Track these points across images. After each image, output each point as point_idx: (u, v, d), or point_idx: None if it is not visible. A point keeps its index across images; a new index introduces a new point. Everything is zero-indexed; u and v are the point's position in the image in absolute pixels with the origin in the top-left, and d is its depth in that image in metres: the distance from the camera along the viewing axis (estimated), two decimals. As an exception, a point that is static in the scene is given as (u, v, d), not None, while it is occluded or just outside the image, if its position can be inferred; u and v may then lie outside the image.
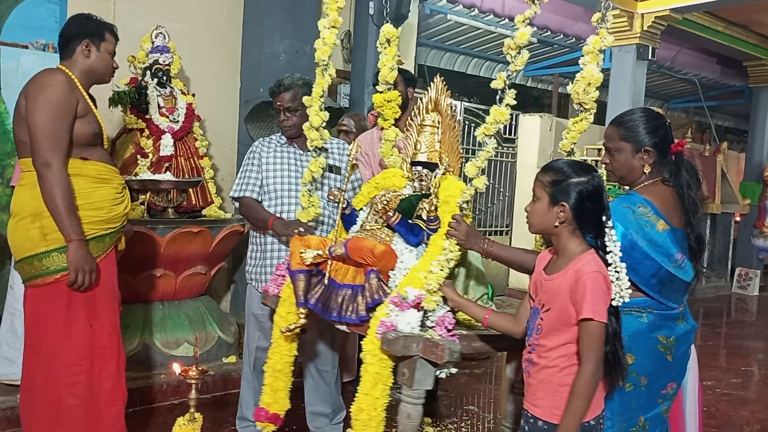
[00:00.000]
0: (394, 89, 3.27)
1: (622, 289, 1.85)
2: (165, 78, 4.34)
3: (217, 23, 5.16)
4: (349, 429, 2.35)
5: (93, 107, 2.59)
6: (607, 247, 1.86)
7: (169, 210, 4.16)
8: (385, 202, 2.60)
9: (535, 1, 2.39)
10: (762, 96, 10.04)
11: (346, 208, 2.73)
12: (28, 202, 2.46)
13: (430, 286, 2.23)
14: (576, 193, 1.86)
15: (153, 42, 4.33)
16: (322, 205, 2.95)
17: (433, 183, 2.62)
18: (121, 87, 4.17)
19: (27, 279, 2.51)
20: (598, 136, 6.65)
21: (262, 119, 4.69)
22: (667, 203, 2.12)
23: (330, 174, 3.09)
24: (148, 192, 4.09)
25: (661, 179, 2.16)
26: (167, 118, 4.34)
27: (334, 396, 3.27)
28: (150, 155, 4.21)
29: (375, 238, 2.53)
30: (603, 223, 1.87)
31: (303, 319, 2.57)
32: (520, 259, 2.28)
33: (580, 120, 2.53)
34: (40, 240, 2.43)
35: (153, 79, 4.31)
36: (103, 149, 2.65)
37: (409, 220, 2.56)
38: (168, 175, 4.01)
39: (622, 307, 1.97)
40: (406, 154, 2.81)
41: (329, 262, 2.56)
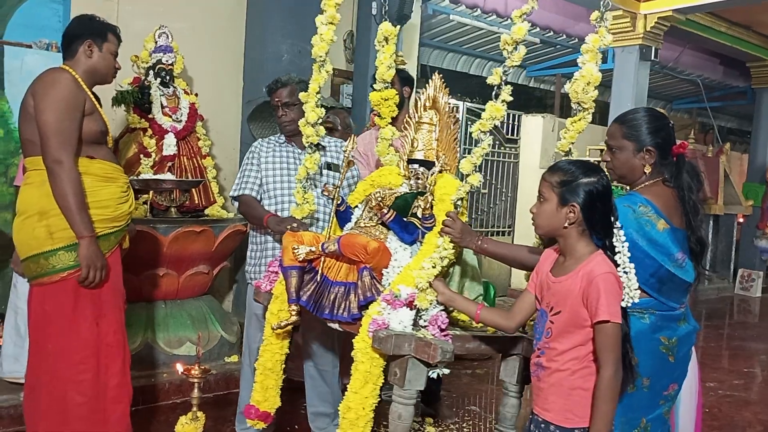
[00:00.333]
0: (391, 88, 3.27)
1: (631, 290, 1.85)
2: (168, 78, 4.35)
3: (220, 23, 5.16)
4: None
5: (98, 105, 2.60)
6: (615, 248, 1.86)
7: (172, 209, 4.16)
8: (379, 199, 2.57)
9: None
10: (765, 97, 10.03)
11: (341, 204, 2.71)
12: (34, 200, 2.47)
13: (420, 284, 2.20)
14: (586, 193, 1.84)
15: (156, 42, 4.33)
16: (320, 203, 2.96)
17: (429, 181, 2.59)
18: (125, 86, 4.17)
19: (33, 277, 2.51)
20: (601, 136, 6.64)
21: (265, 119, 4.71)
22: (667, 203, 2.12)
23: (329, 172, 3.10)
24: (151, 191, 4.10)
25: (661, 180, 2.16)
26: (170, 117, 4.34)
27: (336, 396, 3.27)
28: (153, 155, 4.22)
29: (369, 235, 2.50)
30: (611, 223, 1.87)
31: (294, 317, 2.53)
32: (515, 255, 2.28)
33: (578, 120, 2.52)
34: (47, 238, 2.44)
35: (156, 79, 4.31)
36: (108, 148, 2.67)
37: (404, 218, 2.52)
38: (169, 175, 4.02)
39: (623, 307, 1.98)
40: (403, 152, 2.78)
41: (322, 258, 2.52)
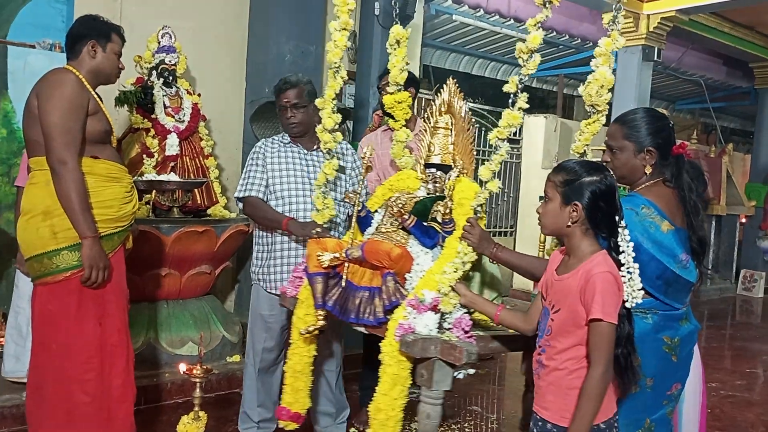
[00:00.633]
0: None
1: (635, 290, 1.84)
2: (171, 78, 4.36)
3: (223, 23, 5.17)
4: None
5: (102, 105, 2.61)
6: (620, 247, 1.85)
7: (175, 209, 4.17)
8: (400, 205, 2.62)
9: (546, 5, 2.39)
10: (768, 97, 10.02)
11: (361, 210, 2.74)
12: (39, 200, 2.48)
13: (442, 288, 2.25)
14: (589, 192, 1.84)
15: (159, 42, 4.34)
16: (336, 207, 2.97)
17: (447, 185, 2.62)
18: (127, 87, 4.19)
19: (37, 277, 2.52)
20: (602, 136, 6.61)
21: (267, 119, 4.71)
22: (669, 204, 2.12)
23: (336, 173, 3.06)
24: (154, 191, 4.11)
25: (662, 180, 2.16)
26: (173, 117, 4.35)
27: (338, 395, 3.28)
28: (156, 155, 4.22)
29: (390, 240, 2.56)
30: (616, 222, 1.86)
31: (322, 321, 2.59)
32: (527, 265, 2.28)
33: (593, 122, 2.55)
34: (51, 238, 2.45)
35: (159, 79, 4.32)
36: (112, 148, 2.67)
37: (423, 222, 2.57)
38: (173, 176, 4.03)
39: None
40: (419, 156, 2.82)
41: (346, 264, 2.58)
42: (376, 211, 2.82)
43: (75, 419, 2.50)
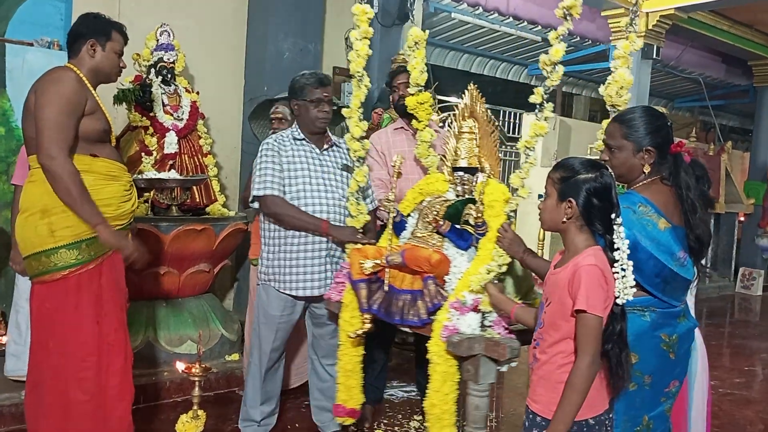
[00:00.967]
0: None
1: (627, 287, 1.85)
2: (169, 76, 4.35)
3: (222, 21, 5.16)
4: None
5: (101, 104, 2.60)
6: (615, 244, 1.86)
7: (173, 208, 4.17)
8: (434, 213, 2.79)
9: (567, 18, 2.49)
10: (767, 95, 10.01)
11: (396, 216, 2.86)
12: (37, 198, 2.47)
13: (473, 287, 2.39)
14: (583, 189, 1.87)
15: (158, 40, 4.33)
16: (342, 205, 3.03)
17: (476, 187, 2.77)
18: (126, 85, 4.17)
19: (34, 275, 2.52)
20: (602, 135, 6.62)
21: (266, 117, 4.70)
22: (666, 202, 2.12)
23: (344, 173, 3.12)
24: (152, 189, 4.10)
25: (659, 178, 2.16)
26: (171, 115, 4.34)
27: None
28: (154, 153, 4.22)
29: (426, 244, 2.73)
30: (611, 220, 1.87)
31: (368, 324, 2.77)
32: None
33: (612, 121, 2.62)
34: (49, 236, 2.44)
35: (157, 77, 4.32)
36: (111, 146, 2.67)
37: (456, 225, 2.72)
38: (173, 174, 4.02)
39: (624, 305, 1.98)
40: (445, 159, 2.97)
41: (387, 269, 2.73)
42: (409, 215, 2.97)
43: (72, 418, 2.50)
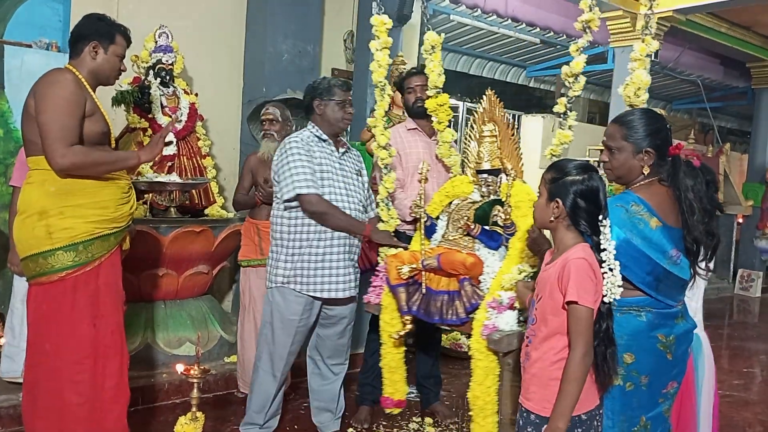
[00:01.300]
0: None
1: (615, 285, 1.90)
2: (168, 77, 4.35)
3: (221, 23, 5.16)
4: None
5: (100, 106, 2.60)
6: (601, 245, 1.91)
7: (172, 209, 4.16)
8: (465, 218, 2.96)
9: (586, 31, 2.63)
10: (765, 97, 10.02)
11: (426, 221, 3.02)
12: (35, 200, 2.47)
13: (504, 285, 2.57)
14: (570, 191, 1.93)
15: (156, 41, 4.33)
16: (360, 209, 3.10)
17: (501, 188, 2.95)
18: (124, 86, 4.17)
19: (31, 277, 2.51)
20: (601, 136, 6.62)
21: (264, 119, 4.69)
22: (662, 202, 2.13)
23: (359, 178, 3.17)
24: (152, 192, 4.10)
25: (657, 179, 2.17)
26: (170, 117, 4.34)
27: (340, 395, 3.30)
28: (153, 154, 4.21)
29: (458, 246, 2.91)
30: (598, 221, 1.92)
31: (409, 325, 2.93)
32: None
33: None
34: (46, 238, 2.44)
35: (156, 79, 4.31)
36: (110, 148, 2.66)
37: (485, 226, 2.89)
38: (174, 176, 4.02)
39: (620, 306, 2.01)
40: (469, 162, 3.17)
41: (423, 272, 2.88)
42: (438, 217, 3.14)
43: (67, 420, 2.49)
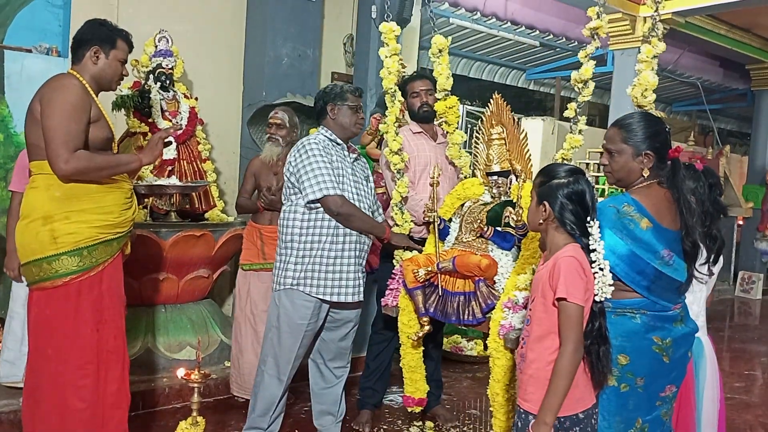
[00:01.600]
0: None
1: (605, 285, 1.92)
2: (168, 82, 4.35)
3: (220, 27, 5.17)
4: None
5: (104, 112, 2.61)
6: (591, 246, 1.94)
7: (172, 213, 4.16)
8: (478, 221, 3.03)
9: (595, 37, 2.68)
10: (764, 99, 10.02)
11: (440, 224, 3.10)
12: (39, 204, 2.47)
13: (519, 285, 2.62)
14: (556, 193, 1.97)
15: (156, 45, 4.34)
16: (369, 214, 3.12)
17: (512, 190, 3.02)
18: (125, 91, 4.17)
19: (34, 282, 2.51)
20: (601, 139, 6.63)
21: (265, 123, 4.70)
22: (658, 203, 2.14)
23: (368, 183, 3.19)
24: (152, 196, 4.10)
25: (656, 182, 2.18)
26: (170, 121, 4.34)
27: (341, 398, 3.29)
28: (153, 159, 4.21)
29: (472, 248, 3.00)
30: (586, 223, 1.95)
31: (427, 326, 3.06)
32: None
33: None
34: (51, 243, 2.44)
35: (156, 83, 4.31)
36: (113, 154, 2.67)
37: (498, 227, 2.95)
38: (173, 180, 4.02)
39: (615, 307, 2.04)
40: (479, 164, 3.24)
41: (439, 275, 2.97)
42: (450, 219, 3.21)
43: (69, 425, 2.49)
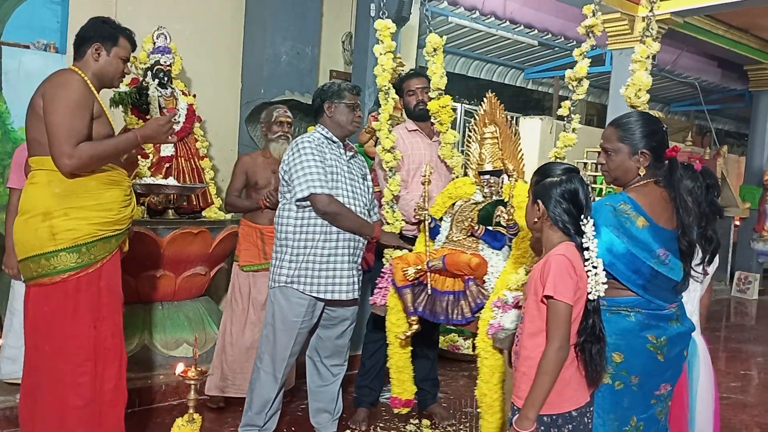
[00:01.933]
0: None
1: (598, 283, 1.93)
2: (166, 79, 4.35)
3: (219, 24, 5.16)
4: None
5: (105, 109, 2.61)
6: (585, 244, 1.94)
7: (170, 211, 4.16)
8: (469, 219, 2.99)
9: (590, 35, 2.68)
10: (762, 100, 10.04)
11: (430, 222, 3.04)
12: (39, 200, 2.46)
13: (511, 286, 2.59)
14: (550, 192, 1.98)
15: (154, 43, 4.33)
16: (365, 212, 3.11)
17: (503, 189, 2.98)
18: (123, 88, 4.17)
19: (31, 278, 2.50)
20: (599, 138, 6.63)
21: (264, 120, 4.70)
22: (654, 202, 2.14)
23: (364, 182, 3.19)
24: (150, 194, 4.10)
25: (653, 181, 2.19)
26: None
27: (338, 396, 3.29)
28: (150, 156, 4.21)
29: (462, 247, 2.95)
30: (579, 222, 1.95)
31: (415, 326, 2.99)
32: None
33: None
34: (49, 239, 2.44)
35: (154, 80, 4.31)
36: (112, 137, 2.66)
37: (489, 227, 2.91)
38: (172, 180, 4.02)
39: (610, 305, 2.04)
40: (471, 163, 3.20)
41: (428, 274, 2.92)
42: (442, 218, 3.16)
43: (67, 422, 2.49)
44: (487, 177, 3.08)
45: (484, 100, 3.20)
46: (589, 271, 1.93)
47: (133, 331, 3.86)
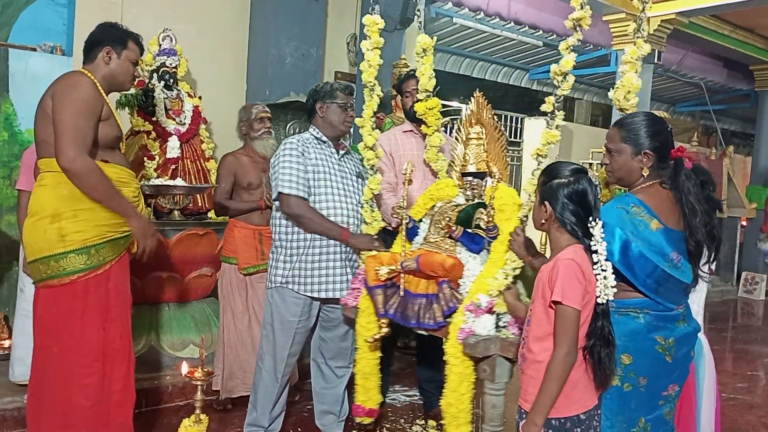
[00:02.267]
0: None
1: (607, 287, 1.90)
2: (172, 80, 4.36)
3: (224, 26, 5.18)
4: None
5: (114, 111, 2.63)
6: (593, 247, 1.91)
7: (175, 212, 4.17)
8: (447, 219, 2.85)
9: (577, 29, 2.61)
10: (768, 100, 10.02)
11: (408, 222, 2.90)
12: (47, 202, 2.48)
13: (492, 292, 2.47)
14: (557, 193, 1.95)
15: (160, 45, 4.35)
16: (359, 212, 3.10)
17: (486, 191, 2.85)
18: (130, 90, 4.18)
19: (40, 279, 2.52)
20: (604, 139, 6.61)
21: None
22: (661, 204, 2.14)
23: (359, 180, 3.18)
24: (158, 196, 4.11)
25: (659, 182, 2.18)
26: (174, 120, 4.36)
27: (343, 397, 3.30)
28: (156, 157, 4.23)
29: (440, 249, 2.80)
30: (586, 223, 1.92)
31: (385, 329, 2.79)
32: None
33: None
34: (58, 241, 2.45)
35: (160, 82, 4.33)
36: (121, 153, 2.70)
37: (468, 229, 2.78)
38: (180, 181, 4.03)
39: (618, 307, 2.02)
40: (454, 165, 3.06)
41: (402, 275, 2.78)
42: (421, 220, 3.03)
43: (74, 423, 2.50)
44: (470, 179, 2.97)
45: (471, 98, 3.10)
46: (598, 274, 1.90)
47: (140, 332, 3.87)
